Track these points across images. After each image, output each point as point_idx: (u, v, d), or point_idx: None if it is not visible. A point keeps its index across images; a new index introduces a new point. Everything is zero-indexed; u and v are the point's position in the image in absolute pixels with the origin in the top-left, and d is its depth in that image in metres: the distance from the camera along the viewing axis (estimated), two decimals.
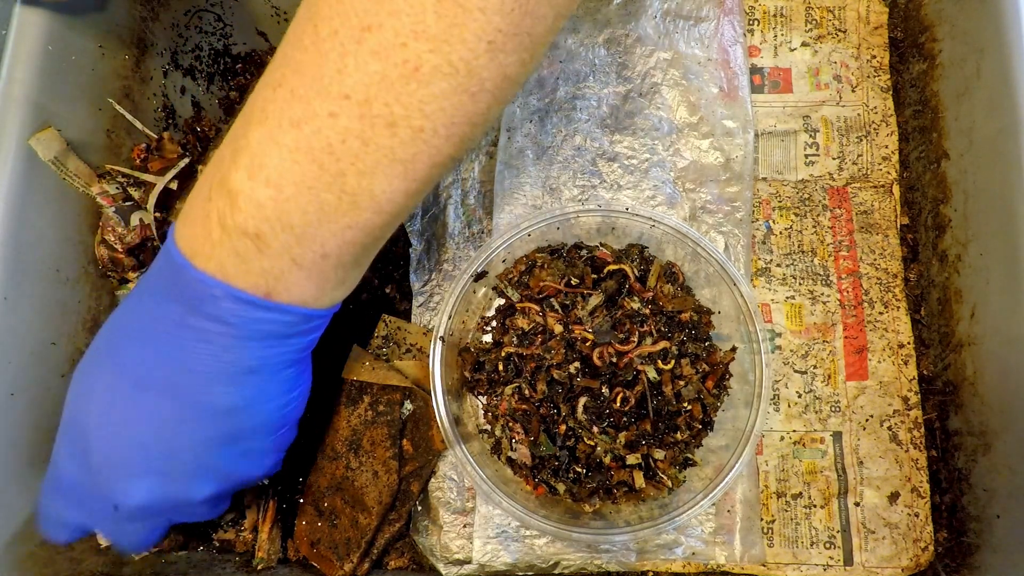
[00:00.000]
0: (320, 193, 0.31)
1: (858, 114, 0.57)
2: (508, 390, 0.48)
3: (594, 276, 0.49)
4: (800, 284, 0.54)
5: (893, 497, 0.50)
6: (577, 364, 0.47)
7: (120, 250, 0.51)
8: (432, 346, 0.48)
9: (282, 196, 0.31)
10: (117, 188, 0.52)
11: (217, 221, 0.33)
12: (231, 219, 0.32)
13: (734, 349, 0.49)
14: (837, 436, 0.52)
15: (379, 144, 0.30)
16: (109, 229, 0.51)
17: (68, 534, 0.40)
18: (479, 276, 0.50)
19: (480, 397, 0.51)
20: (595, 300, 0.48)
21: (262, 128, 0.32)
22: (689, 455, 0.48)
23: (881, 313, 0.53)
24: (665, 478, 0.47)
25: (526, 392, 0.47)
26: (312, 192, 0.31)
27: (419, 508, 0.51)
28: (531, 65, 0.32)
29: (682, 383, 0.47)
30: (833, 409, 0.52)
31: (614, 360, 0.46)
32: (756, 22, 0.58)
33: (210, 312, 0.34)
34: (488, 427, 0.50)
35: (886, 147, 0.56)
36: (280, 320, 0.35)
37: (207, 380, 0.35)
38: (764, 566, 0.49)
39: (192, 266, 0.33)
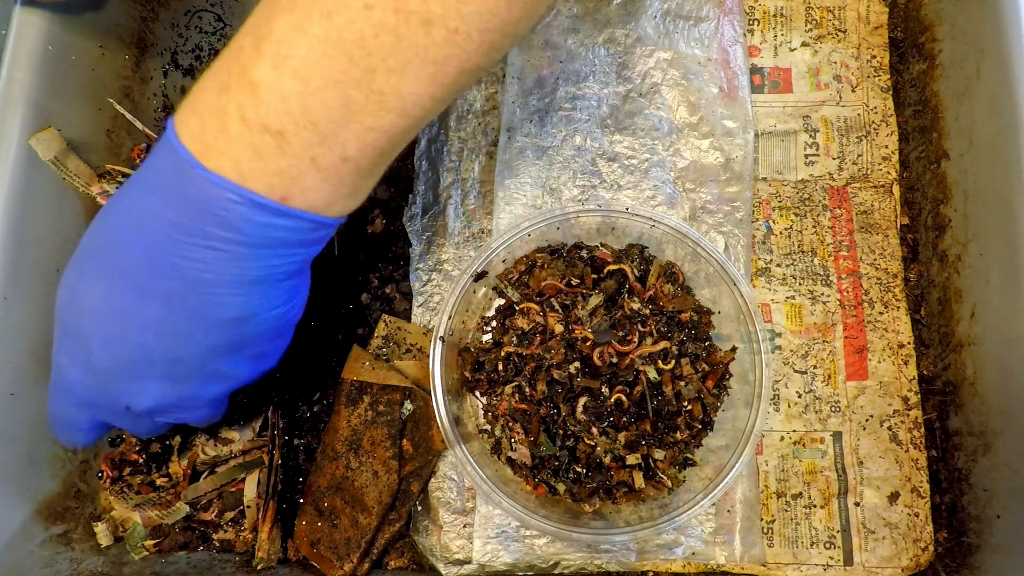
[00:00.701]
0: (348, 89, 0.30)
1: (858, 114, 0.57)
2: (508, 390, 0.48)
3: (594, 276, 0.49)
4: (800, 284, 0.54)
5: (893, 497, 0.50)
6: (577, 364, 0.47)
7: None
8: (432, 346, 0.48)
9: (308, 89, 0.30)
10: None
11: (237, 114, 0.31)
12: (252, 112, 0.30)
13: (734, 349, 0.49)
14: (837, 436, 0.52)
15: (413, 41, 0.29)
16: None
17: (84, 437, 0.40)
18: (479, 276, 0.50)
19: (480, 397, 0.51)
20: (595, 300, 0.48)
21: (289, 17, 0.30)
22: (689, 455, 0.48)
23: (881, 313, 0.53)
24: (665, 478, 0.47)
25: (526, 392, 0.47)
26: (340, 87, 0.30)
27: (419, 508, 0.51)
28: None
29: (682, 383, 0.47)
30: (833, 409, 0.52)
31: (614, 360, 0.46)
32: (756, 22, 0.58)
33: (220, 217, 0.32)
34: (488, 427, 0.50)
35: (886, 147, 0.56)
36: (291, 227, 0.33)
37: (213, 289, 0.34)
38: (764, 566, 0.49)
39: (202, 165, 0.31)
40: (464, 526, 0.50)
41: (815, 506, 0.51)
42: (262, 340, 0.38)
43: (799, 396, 0.52)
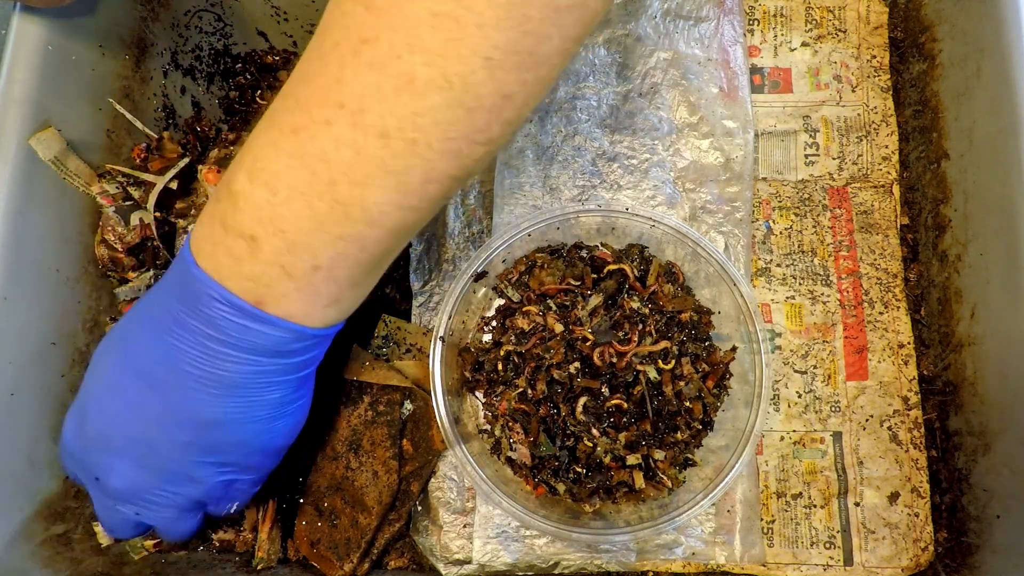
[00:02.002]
0: (313, 200, 0.32)
1: (858, 114, 0.57)
2: (508, 390, 0.48)
3: (594, 276, 0.49)
4: (800, 284, 0.54)
5: (893, 497, 0.50)
6: (577, 364, 0.47)
7: (120, 250, 0.51)
8: (432, 346, 0.48)
9: (277, 199, 0.32)
10: (117, 188, 0.52)
11: (220, 221, 0.33)
12: (232, 219, 0.33)
13: (734, 349, 0.49)
14: (837, 436, 0.52)
15: (371, 154, 0.30)
16: (109, 229, 0.51)
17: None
18: (479, 276, 0.50)
19: (480, 397, 0.51)
20: (595, 300, 0.48)
21: (267, 134, 0.33)
22: (689, 455, 0.48)
23: (881, 313, 0.53)
24: (665, 478, 0.47)
25: (527, 392, 0.47)
26: (305, 198, 0.32)
27: (419, 508, 0.51)
28: (536, 86, 0.32)
29: (682, 383, 0.47)
30: (833, 409, 0.52)
31: (614, 360, 0.46)
32: (756, 22, 0.58)
33: (204, 313, 0.34)
34: (488, 427, 0.50)
35: (886, 147, 0.56)
36: (269, 334, 0.35)
37: (193, 386, 0.36)
38: (764, 566, 0.49)
39: (194, 263, 0.34)
40: (464, 526, 0.50)
41: (815, 506, 0.51)
42: (237, 451, 0.39)
43: (799, 396, 0.52)
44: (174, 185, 0.53)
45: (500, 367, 0.49)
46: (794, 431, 0.52)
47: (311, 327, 0.36)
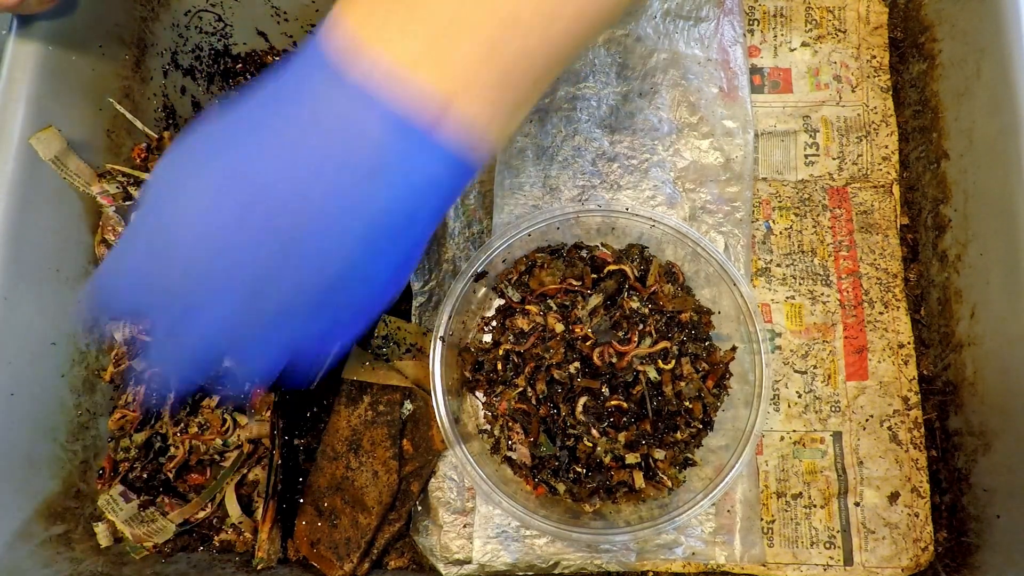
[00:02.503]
0: None
1: (858, 114, 0.57)
2: (508, 390, 0.48)
3: (594, 276, 0.49)
4: (800, 284, 0.54)
5: (893, 497, 0.50)
6: (577, 364, 0.47)
7: None
8: (432, 346, 0.48)
9: None
10: (117, 187, 0.52)
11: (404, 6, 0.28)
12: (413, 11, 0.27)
13: (734, 349, 0.49)
14: (837, 436, 0.52)
15: None
16: (109, 228, 0.51)
17: (99, 331, 0.36)
18: (479, 276, 0.50)
19: (480, 397, 0.51)
20: (595, 300, 0.48)
21: None
22: (689, 455, 0.48)
23: (881, 313, 0.53)
24: (665, 478, 0.47)
25: (527, 392, 0.47)
26: None
27: (419, 508, 0.51)
28: None
29: (682, 383, 0.47)
30: (833, 409, 0.52)
31: (614, 360, 0.46)
32: (756, 22, 0.58)
33: (365, 134, 0.28)
34: (488, 427, 0.50)
35: (886, 147, 0.56)
36: (438, 163, 0.29)
37: (332, 216, 0.29)
38: (764, 566, 0.49)
39: (356, 74, 0.27)
40: (464, 526, 0.50)
41: (815, 506, 0.51)
42: (356, 293, 0.32)
43: (799, 396, 0.52)
44: None
45: (500, 367, 0.49)
46: (794, 431, 0.52)
47: (480, 151, 0.30)
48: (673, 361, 0.47)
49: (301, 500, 0.50)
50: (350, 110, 0.28)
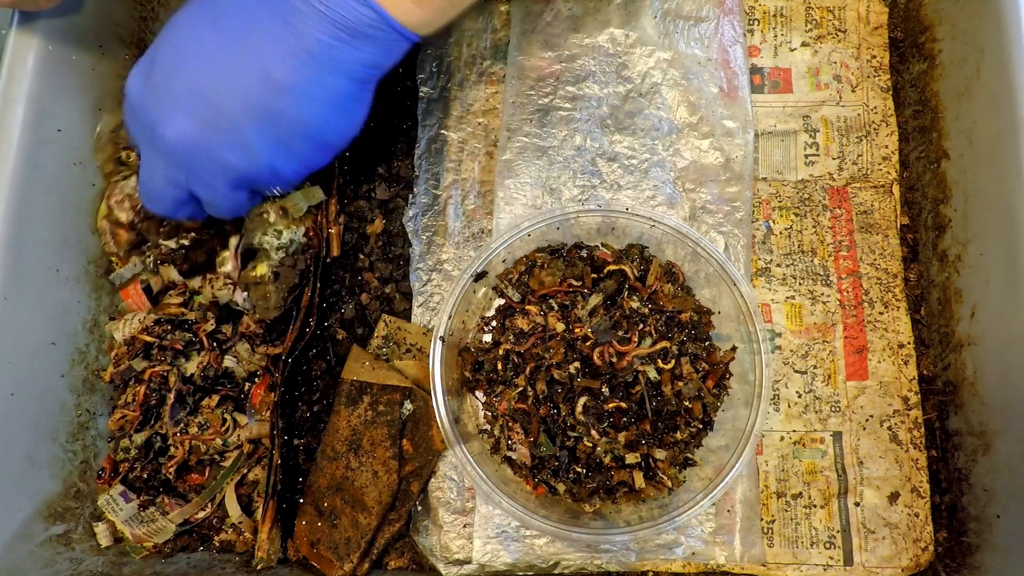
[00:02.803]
0: None
1: (858, 114, 0.57)
2: (508, 390, 0.48)
3: (594, 276, 0.49)
4: (800, 284, 0.54)
5: (893, 497, 0.50)
6: (577, 364, 0.47)
7: (125, 222, 0.51)
8: (432, 346, 0.48)
9: None
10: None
11: None
12: None
13: (734, 349, 0.49)
14: (837, 436, 0.52)
15: None
16: (124, 197, 0.51)
17: (166, 202, 0.44)
18: (479, 276, 0.50)
19: (480, 397, 0.51)
20: (595, 299, 0.48)
21: None
22: (689, 455, 0.48)
23: (881, 313, 0.53)
24: (665, 478, 0.47)
25: (527, 392, 0.47)
26: None
27: (419, 508, 0.51)
28: None
29: (682, 383, 0.47)
30: (833, 409, 0.52)
31: (614, 360, 0.46)
32: (756, 22, 0.58)
33: None
34: (488, 427, 0.50)
35: (886, 147, 0.56)
36: (355, 7, 0.37)
37: (270, 43, 0.37)
38: (764, 566, 0.49)
39: None
40: (464, 526, 0.50)
41: (815, 506, 0.51)
42: (296, 132, 0.39)
43: (799, 396, 0.52)
44: None
45: (500, 367, 0.49)
46: (794, 431, 0.52)
47: (395, 17, 0.37)
48: (673, 361, 0.47)
49: (301, 500, 0.50)
50: None
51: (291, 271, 0.51)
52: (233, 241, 0.51)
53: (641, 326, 0.47)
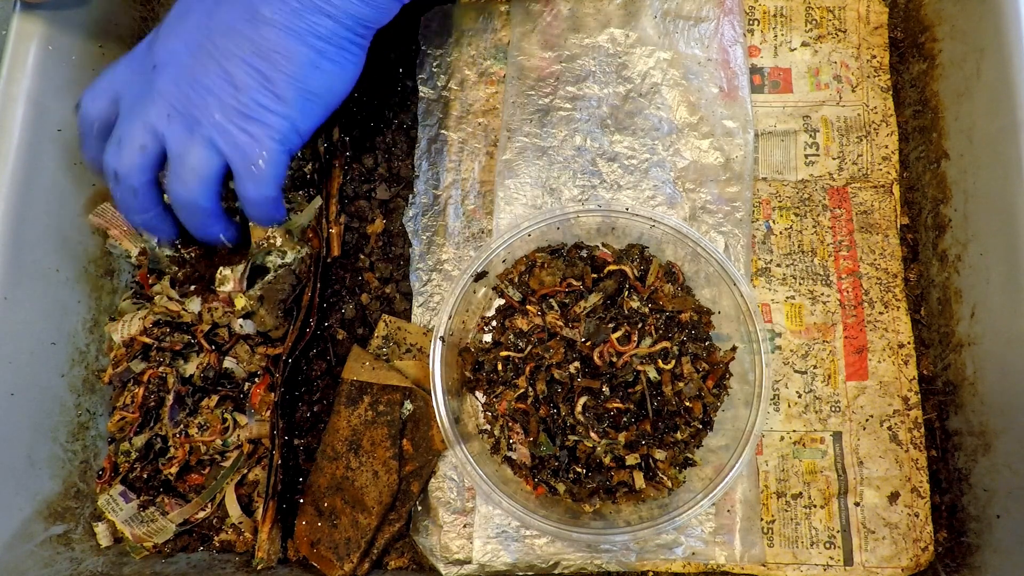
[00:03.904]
0: None
1: (858, 114, 0.57)
2: (508, 390, 0.48)
3: (594, 276, 0.49)
4: (800, 284, 0.54)
5: (893, 497, 0.50)
6: (577, 364, 0.47)
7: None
8: (432, 346, 0.48)
9: None
10: None
11: None
12: None
13: (734, 349, 0.49)
14: (837, 436, 0.52)
15: None
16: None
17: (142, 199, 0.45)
18: (479, 276, 0.50)
19: (480, 397, 0.51)
20: (594, 298, 0.48)
21: None
22: (689, 455, 0.48)
23: (881, 313, 0.53)
24: (665, 478, 0.47)
25: (527, 392, 0.47)
26: None
27: (419, 508, 0.51)
28: None
29: (682, 383, 0.47)
30: (833, 409, 0.52)
31: (614, 360, 0.46)
32: (756, 22, 0.58)
33: None
34: (488, 427, 0.50)
35: (886, 147, 0.56)
36: None
37: None
38: (764, 566, 0.49)
39: None
40: (464, 526, 0.50)
41: (815, 506, 0.51)
42: (278, 61, 0.40)
43: (799, 396, 0.52)
44: None
45: (500, 367, 0.49)
46: (794, 431, 0.52)
47: None
48: (673, 361, 0.47)
49: (301, 500, 0.50)
50: None
51: (274, 288, 0.50)
52: (239, 268, 0.49)
53: (641, 326, 0.47)
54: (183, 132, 0.41)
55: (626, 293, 0.49)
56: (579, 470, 0.47)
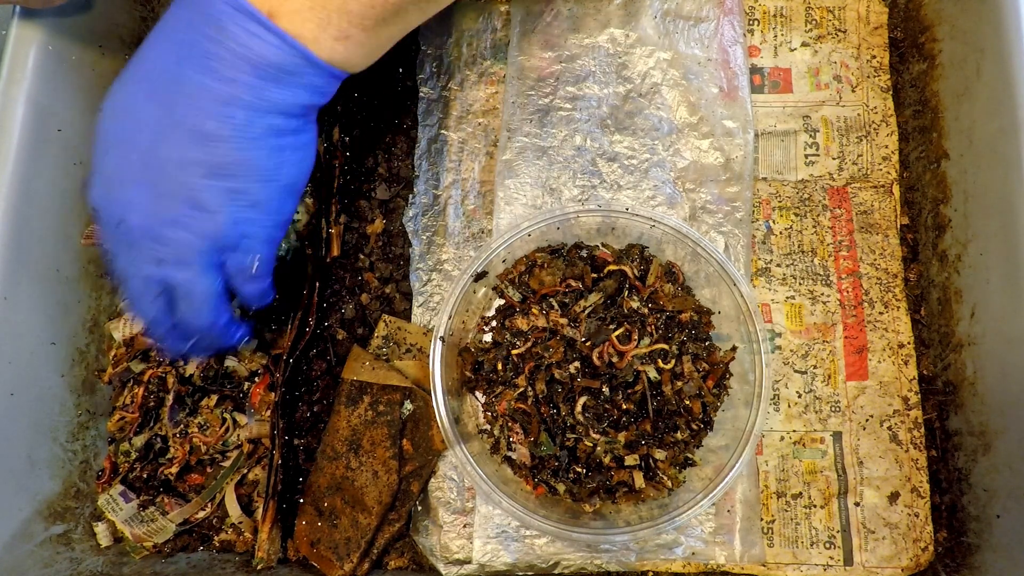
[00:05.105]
0: None
1: (858, 114, 0.57)
2: (508, 390, 0.48)
3: (594, 276, 0.49)
4: (800, 284, 0.54)
5: (893, 497, 0.50)
6: (577, 364, 0.47)
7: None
8: (432, 346, 0.48)
9: None
10: None
11: None
12: None
13: (734, 349, 0.49)
14: (837, 436, 0.52)
15: None
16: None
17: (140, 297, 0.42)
18: (479, 276, 0.50)
19: (480, 397, 0.51)
20: (594, 298, 0.48)
21: None
22: (689, 455, 0.48)
23: (881, 313, 0.53)
24: (665, 478, 0.47)
25: (527, 392, 0.47)
26: None
27: (419, 508, 0.51)
28: None
29: (682, 383, 0.47)
30: (833, 409, 0.52)
31: (614, 360, 0.46)
32: (756, 22, 0.58)
33: (215, 20, 0.35)
34: (488, 427, 0.50)
35: (886, 147, 0.56)
36: (277, 50, 0.36)
37: (197, 92, 0.36)
38: (764, 566, 0.49)
39: None
40: (464, 526, 0.50)
41: (815, 506, 0.51)
42: (247, 176, 0.38)
43: (799, 396, 0.52)
44: None
45: (500, 367, 0.49)
46: (794, 431, 0.52)
47: (318, 56, 0.37)
48: (673, 361, 0.47)
49: (301, 500, 0.50)
50: (211, 2, 0.36)
51: None
52: None
53: (641, 326, 0.47)
54: (179, 273, 0.40)
55: (626, 293, 0.49)
56: (579, 470, 0.47)
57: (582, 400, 0.46)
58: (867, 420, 0.52)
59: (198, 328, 0.42)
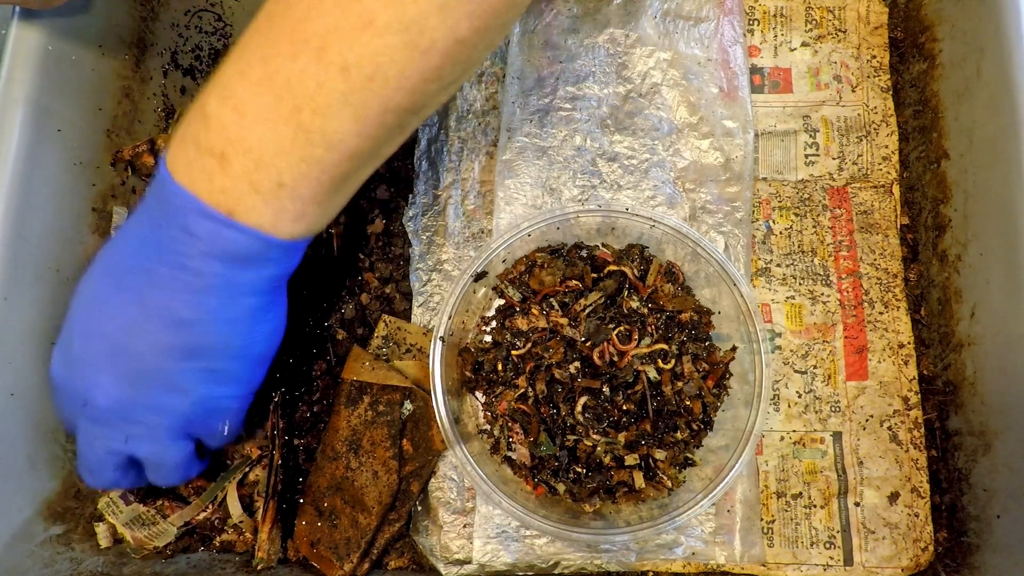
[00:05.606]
0: (278, 124, 0.34)
1: (858, 114, 0.57)
2: (508, 390, 0.48)
3: (594, 276, 0.49)
4: (800, 284, 0.54)
5: (893, 497, 0.50)
6: (577, 364, 0.47)
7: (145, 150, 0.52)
8: (432, 346, 0.48)
9: (244, 121, 0.35)
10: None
11: (192, 140, 0.36)
12: (203, 138, 0.36)
13: (734, 349, 0.49)
14: (837, 436, 0.52)
15: (332, 87, 0.33)
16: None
17: (99, 474, 0.43)
18: (479, 276, 0.50)
19: (480, 397, 0.51)
20: (594, 297, 0.48)
21: (237, 64, 0.36)
22: (689, 455, 0.48)
23: (881, 313, 0.53)
24: (665, 478, 0.47)
25: (527, 392, 0.47)
26: (270, 123, 0.34)
27: (419, 508, 0.51)
28: (487, 34, 0.34)
29: (682, 383, 0.47)
30: (833, 409, 0.52)
31: (614, 360, 0.46)
32: (756, 22, 0.58)
33: (179, 221, 0.36)
34: (488, 427, 0.50)
35: (886, 147, 0.56)
36: (240, 241, 0.37)
37: (168, 285, 0.37)
38: (764, 566, 0.49)
39: (171, 179, 0.37)
40: (464, 526, 0.50)
41: (815, 506, 0.51)
42: (222, 356, 0.40)
43: (799, 396, 0.52)
44: None
45: (500, 367, 0.49)
46: (794, 431, 0.52)
47: (279, 238, 0.37)
48: (673, 361, 0.47)
49: (301, 500, 0.50)
50: (175, 206, 0.37)
51: None
52: None
53: (641, 326, 0.47)
54: (149, 447, 0.41)
55: (626, 293, 0.49)
56: (579, 470, 0.47)
57: (582, 400, 0.46)
58: (867, 420, 0.52)
59: (169, 484, 0.44)
